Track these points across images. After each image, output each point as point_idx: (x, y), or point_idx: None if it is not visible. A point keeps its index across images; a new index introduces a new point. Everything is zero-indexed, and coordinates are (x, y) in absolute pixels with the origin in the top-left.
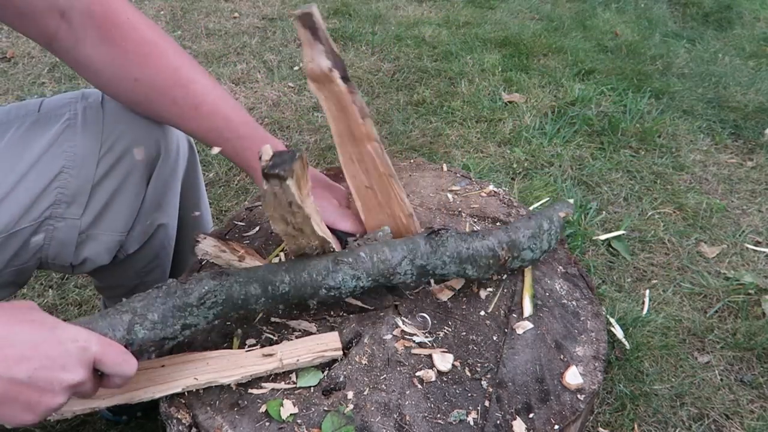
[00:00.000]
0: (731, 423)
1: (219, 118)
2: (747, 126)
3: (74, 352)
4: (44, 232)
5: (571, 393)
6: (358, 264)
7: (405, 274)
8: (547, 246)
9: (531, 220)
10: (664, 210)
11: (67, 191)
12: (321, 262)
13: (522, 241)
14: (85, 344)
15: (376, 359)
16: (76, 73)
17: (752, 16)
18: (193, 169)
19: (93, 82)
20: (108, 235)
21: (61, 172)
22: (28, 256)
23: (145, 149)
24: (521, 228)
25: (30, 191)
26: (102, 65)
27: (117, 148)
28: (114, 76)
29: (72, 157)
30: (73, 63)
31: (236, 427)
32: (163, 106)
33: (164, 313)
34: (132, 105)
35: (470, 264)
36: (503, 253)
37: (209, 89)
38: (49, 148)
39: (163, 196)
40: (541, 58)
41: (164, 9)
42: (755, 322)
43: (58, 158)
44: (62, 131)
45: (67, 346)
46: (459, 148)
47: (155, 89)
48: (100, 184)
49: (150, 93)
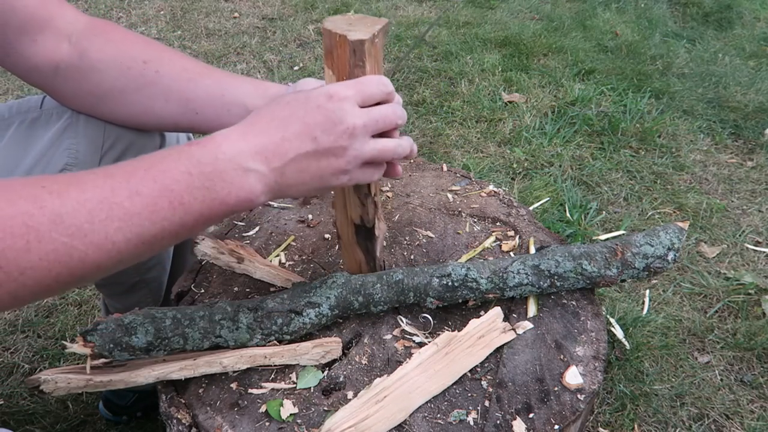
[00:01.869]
0: (731, 423)
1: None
2: (747, 126)
3: (334, 108)
4: None
5: (571, 393)
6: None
7: (519, 274)
8: (669, 245)
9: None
10: (664, 210)
11: None
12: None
13: (637, 239)
14: (337, 94)
15: (376, 359)
16: (77, 98)
17: (752, 16)
18: None
19: (101, 90)
20: None
21: (64, 170)
22: None
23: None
24: (634, 233)
25: None
26: (108, 62)
27: (119, 145)
28: (122, 66)
29: (74, 154)
30: (77, 77)
31: (236, 427)
32: (187, 91)
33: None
34: (148, 103)
35: (586, 259)
36: (618, 247)
37: (230, 76)
38: (52, 146)
39: None
40: (541, 58)
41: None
42: (755, 322)
43: (60, 156)
44: (64, 129)
45: (325, 105)
46: (459, 148)
47: (170, 76)
48: None
49: (165, 80)
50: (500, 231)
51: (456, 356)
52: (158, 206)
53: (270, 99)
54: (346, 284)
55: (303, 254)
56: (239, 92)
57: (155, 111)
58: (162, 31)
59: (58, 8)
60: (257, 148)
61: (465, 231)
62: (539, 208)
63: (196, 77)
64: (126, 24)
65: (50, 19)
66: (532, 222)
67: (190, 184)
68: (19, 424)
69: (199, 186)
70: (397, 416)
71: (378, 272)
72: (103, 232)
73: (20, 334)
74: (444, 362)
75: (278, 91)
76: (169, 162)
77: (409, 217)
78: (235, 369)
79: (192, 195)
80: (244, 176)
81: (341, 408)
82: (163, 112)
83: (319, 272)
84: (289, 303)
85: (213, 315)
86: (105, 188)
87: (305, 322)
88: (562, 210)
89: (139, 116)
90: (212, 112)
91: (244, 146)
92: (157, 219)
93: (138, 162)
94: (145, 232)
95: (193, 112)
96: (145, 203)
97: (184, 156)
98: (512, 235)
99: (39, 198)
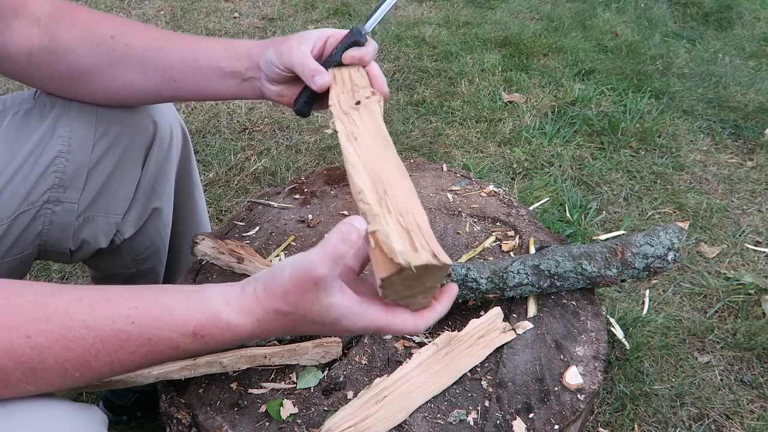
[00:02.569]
0: (731, 423)
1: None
2: (747, 126)
3: (328, 289)
4: (42, 217)
5: (571, 393)
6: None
7: (519, 274)
8: (669, 245)
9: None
10: (664, 210)
11: (64, 176)
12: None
13: (637, 239)
14: (325, 277)
15: (376, 359)
16: (51, 81)
17: (752, 16)
18: (187, 157)
19: (75, 70)
20: (104, 217)
21: (58, 157)
22: (28, 242)
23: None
24: (634, 233)
25: (29, 177)
26: (77, 41)
27: (111, 132)
28: (91, 43)
29: (68, 142)
30: (50, 60)
31: (236, 427)
32: (157, 66)
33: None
34: (126, 77)
35: (586, 259)
36: (618, 247)
37: (199, 40)
38: (45, 135)
39: (157, 180)
40: (541, 58)
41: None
42: (755, 322)
43: (54, 144)
44: (58, 117)
45: (318, 293)
46: (459, 148)
47: (140, 47)
48: (95, 167)
49: (136, 51)
50: (500, 231)
51: (456, 356)
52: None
53: (241, 58)
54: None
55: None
56: (212, 55)
57: (135, 84)
58: None
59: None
60: (270, 330)
61: (465, 231)
62: (539, 208)
63: (167, 45)
64: None
65: (24, 3)
66: (532, 222)
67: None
68: None
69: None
70: (397, 416)
71: None
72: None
73: None
74: (444, 362)
75: (248, 50)
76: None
77: None
78: (235, 369)
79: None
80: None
81: (341, 408)
82: (143, 84)
83: None
84: None
85: None
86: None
87: None
88: (562, 210)
89: (119, 91)
90: (190, 77)
91: (259, 331)
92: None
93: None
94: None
95: (171, 80)
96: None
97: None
98: (512, 235)
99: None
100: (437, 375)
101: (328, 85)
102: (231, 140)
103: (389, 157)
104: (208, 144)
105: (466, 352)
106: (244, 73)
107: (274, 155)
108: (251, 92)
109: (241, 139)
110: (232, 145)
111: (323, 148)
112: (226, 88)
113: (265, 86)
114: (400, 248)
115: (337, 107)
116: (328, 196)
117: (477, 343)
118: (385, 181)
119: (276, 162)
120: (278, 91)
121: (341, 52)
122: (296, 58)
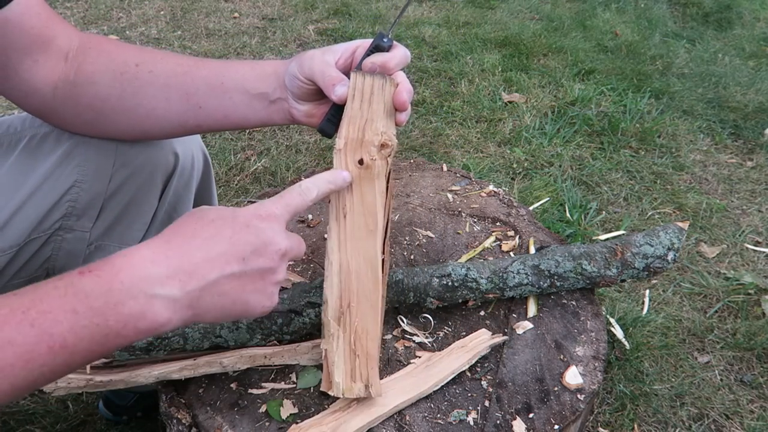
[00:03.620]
0: (731, 423)
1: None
2: (747, 126)
3: (265, 227)
4: (53, 243)
5: (571, 393)
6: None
7: (519, 274)
8: (668, 245)
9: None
10: (664, 210)
11: (78, 204)
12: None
13: (637, 239)
14: (267, 213)
15: None
16: (77, 114)
17: (752, 16)
18: (207, 180)
19: (98, 101)
20: (118, 246)
21: (73, 186)
22: (36, 266)
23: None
24: (634, 233)
25: (41, 205)
26: (102, 72)
27: (131, 164)
28: (116, 72)
29: (84, 171)
30: (73, 93)
31: (236, 427)
32: (182, 92)
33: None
34: (149, 106)
35: (586, 259)
36: (618, 247)
37: (225, 63)
38: (62, 162)
39: (175, 209)
40: (541, 58)
41: (164, 9)
42: (755, 322)
43: (70, 173)
44: (76, 145)
45: (255, 225)
46: (459, 148)
47: (165, 74)
48: (112, 197)
49: (160, 78)
50: (500, 231)
51: (436, 365)
52: (35, 353)
53: (267, 78)
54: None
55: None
56: (237, 77)
57: (158, 113)
58: (162, 31)
59: (60, 26)
60: (171, 270)
61: (465, 231)
62: (539, 208)
63: (192, 70)
64: (126, 24)
65: (53, 38)
66: (532, 222)
67: (75, 323)
68: (19, 424)
69: (87, 324)
70: (372, 411)
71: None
72: None
73: None
74: (424, 371)
75: (275, 69)
76: (53, 300)
77: (409, 217)
78: (235, 369)
79: (77, 335)
80: (147, 304)
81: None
82: (167, 113)
83: (319, 272)
84: (289, 303)
85: None
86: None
87: (305, 322)
88: (562, 210)
89: (143, 122)
90: (215, 103)
91: (153, 270)
92: (34, 366)
93: (19, 299)
94: (20, 381)
95: (196, 107)
96: (18, 353)
97: (71, 291)
98: (512, 235)
99: None
100: (416, 379)
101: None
102: (231, 140)
103: (369, 249)
104: (208, 144)
105: (447, 359)
106: (272, 93)
107: (274, 155)
108: (280, 116)
109: (241, 139)
110: (232, 145)
111: (323, 148)
112: (254, 113)
113: (293, 106)
114: (337, 380)
115: (343, 160)
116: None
117: (459, 350)
118: (353, 291)
119: (276, 162)
120: (306, 111)
121: (363, 59)
122: (317, 66)
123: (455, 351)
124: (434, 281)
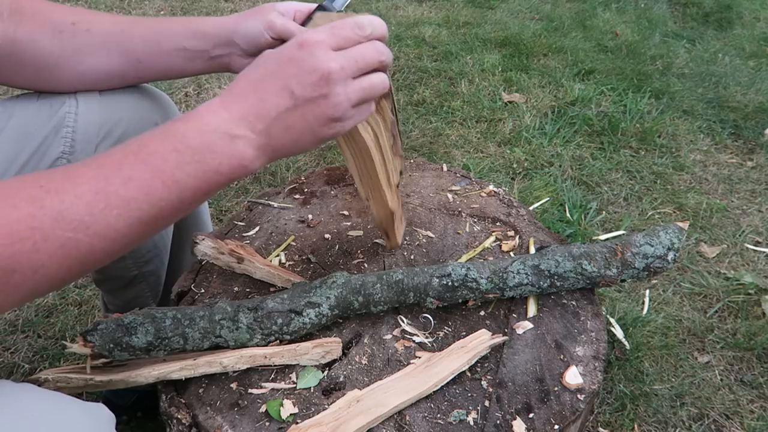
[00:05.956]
0: (731, 423)
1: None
2: (747, 126)
3: (304, 56)
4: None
5: (571, 393)
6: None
7: (519, 274)
8: (669, 245)
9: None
10: (664, 210)
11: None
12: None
13: (637, 239)
14: (305, 40)
15: (376, 359)
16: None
17: (752, 16)
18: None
19: (40, 59)
20: None
21: (59, 158)
22: None
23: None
24: (634, 233)
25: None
26: (40, 30)
27: (114, 133)
28: (54, 31)
29: (70, 143)
30: (15, 50)
31: (236, 427)
32: (128, 43)
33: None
34: (91, 62)
35: (586, 259)
36: (618, 247)
37: (161, 22)
38: (49, 135)
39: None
40: (541, 58)
41: (164, 9)
42: (755, 322)
43: (57, 145)
44: (63, 117)
45: (295, 55)
46: (459, 148)
47: (102, 31)
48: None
49: (98, 36)
50: (500, 231)
51: (436, 365)
52: (153, 188)
53: (206, 36)
54: (346, 284)
55: (303, 254)
56: (174, 36)
57: (101, 67)
58: None
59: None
60: (239, 114)
61: (465, 231)
62: (539, 208)
63: (129, 29)
64: None
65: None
66: (532, 222)
67: (180, 161)
68: None
69: (189, 161)
70: (372, 411)
71: (378, 272)
72: (104, 222)
73: (20, 334)
74: (424, 372)
75: (215, 27)
76: (156, 143)
77: (409, 217)
78: (235, 369)
79: (184, 171)
80: (232, 144)
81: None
82: (109, 67)
83: (319, 272)
84: (289, 303)
85: (213, 315)
86: (99, 179)
87: (305, 322)
88: (562, 210)
89: (86, 76)
90: (155, 59)
91: (227, 115)
92: (154, 200)
93: (126, 147)
94: (144, 215)
95: (136, 61)
96: (139, 187)
97: (169, 135)
98: (512, 235)
99: (38, 198)
100: (416, 379)
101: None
102: None
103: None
104: None
105: (446, 359)
106: (211, 51)
107: None
108: (219, 69)
109: None
110: None
111: (323, 148)
112: (193, 67)
113: (235, 61)
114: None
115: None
116: (328, 196)
117: (458, 350)
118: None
119: (276, 162)
120: (249, 63)
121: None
122: (292, 25)
123: (455, 351)
124: (434, 281)
